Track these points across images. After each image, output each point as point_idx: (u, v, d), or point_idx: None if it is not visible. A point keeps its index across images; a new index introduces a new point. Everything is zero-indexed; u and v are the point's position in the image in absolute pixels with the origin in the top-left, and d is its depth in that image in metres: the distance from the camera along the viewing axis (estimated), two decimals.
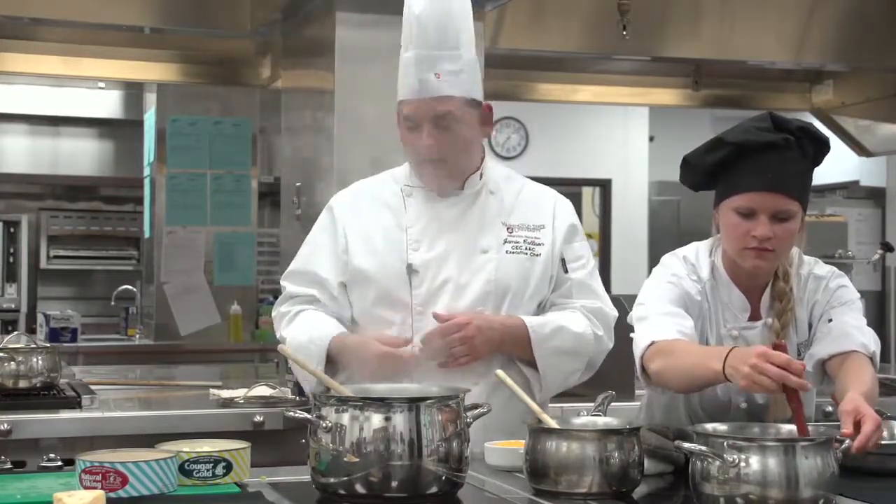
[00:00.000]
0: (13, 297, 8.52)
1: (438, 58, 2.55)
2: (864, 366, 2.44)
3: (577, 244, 2.74)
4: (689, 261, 2.61)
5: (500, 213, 2.69)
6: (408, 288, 2.62)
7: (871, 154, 6.98)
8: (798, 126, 2.48)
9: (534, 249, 2.67)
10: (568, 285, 2.70)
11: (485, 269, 2.63)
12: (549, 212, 2.74)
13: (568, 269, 2.71)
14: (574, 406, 3.30)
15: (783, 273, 2.55)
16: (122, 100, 8.53)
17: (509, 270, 2.64)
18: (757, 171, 2.43)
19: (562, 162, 10.06)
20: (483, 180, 2.71)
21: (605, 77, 6.36)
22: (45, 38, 5.37)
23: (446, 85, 2.56)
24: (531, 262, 2.66)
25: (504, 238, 2.66)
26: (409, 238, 2.64)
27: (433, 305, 2.60)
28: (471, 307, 2.60)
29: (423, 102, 2.57)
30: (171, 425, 3.33)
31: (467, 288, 2.62)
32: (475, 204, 2.68)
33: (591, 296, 2.72)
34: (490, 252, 2.64)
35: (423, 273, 2.62)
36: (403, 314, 2.62)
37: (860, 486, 2.15)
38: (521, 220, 2.70)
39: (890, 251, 7.06)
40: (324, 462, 2.05)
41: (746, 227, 2.44)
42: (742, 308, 2.57)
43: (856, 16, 5.34)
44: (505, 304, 2.64)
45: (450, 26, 2.57)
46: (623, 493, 2.11)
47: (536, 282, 2.67)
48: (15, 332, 4.86)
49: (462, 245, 2.64)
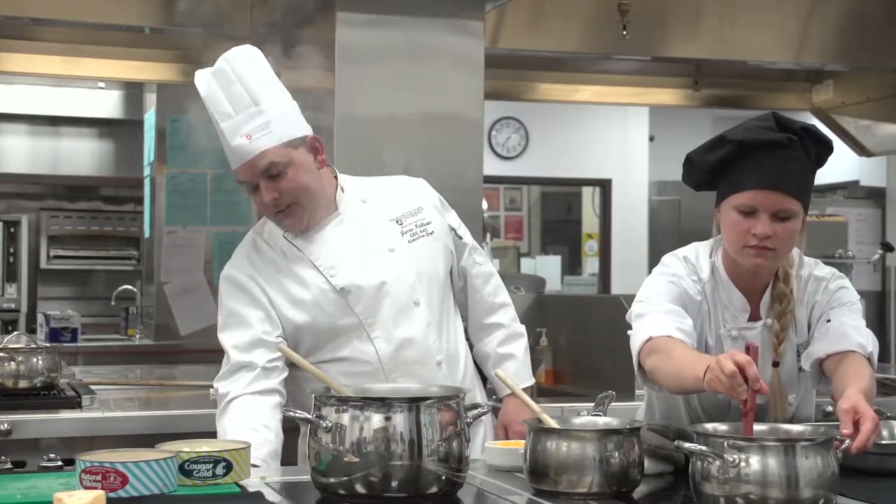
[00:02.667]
0: (13, 297, 8.52)
1: (241, 122, 2.65)
2: (862, 365, 2.44)
3: (451, 213, 2.95)
4: (690, 261, 2.61)
5: (382, 213, 2.82)
6: (349, 310, 2.71)
7: (871, 154, 6.98)
8: (801, 126, 2.48)
9: (426, 229, 2.83)
10: (468, 249, 2.93)
11: (401, 264, 2.76)
12: (415, 193, 2.91)
13: (460, 235, 2.91)
14: (574, 406, 3.30)
15: (783, 274, 2.55)
16: (122, 100, 8.53)
17: (420, 256, 2.79)
18: (759, 170, 2.42)
19: (562, 162, 10.07)
20: (347, 194, 2.82)
21: (605, 77, 6.35)
22: (45, 38, 5.36)
23: (258, 143, 2.64)
24: (432, 241, 2.83)
25: (399, 231, 2.80)
26: (322, 269, 2.72)
27: (377, 312, 2.71)
28: (408, 299, 2.73)
29: (246, 166, 2.66)
30: (171, 425, 3.33)
31: (397, 285, 2.74)
32: (358, 216, 2.80)
33: (483, 257, 2.98)
34: (396, 248, 2.77)
35: (355, 291, 2.71)
36: (357, 331, 2.71)
37: (860, 486, 2.15)
38: (401, 211, 2.84)
39: (890, 251, 7.07)
40: (324, 462, 2.05)
41: (747, 226, 2.44)
42: (742, 309, 2.57)
43: (856, 16, 5.34)
44: (430, 284, 2.79)
45: (236, 91, 2.67)
46: (623, 493, 2.11)
47: (444, 255, 2.85)
48: (15, 332, 4.84)
49: (370, 253, 2.76)
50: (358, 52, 4.03)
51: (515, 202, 11.73)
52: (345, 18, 4.06)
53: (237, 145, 2.65)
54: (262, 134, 2.65)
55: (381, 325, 2.71)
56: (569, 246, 11.58)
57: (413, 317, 2.74)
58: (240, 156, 2.66)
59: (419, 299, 2.76)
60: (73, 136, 8.88)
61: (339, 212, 2.79)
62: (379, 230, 2.79)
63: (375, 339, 2.71)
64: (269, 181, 2.66)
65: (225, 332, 2.75)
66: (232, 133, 2.65)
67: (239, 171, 2.69)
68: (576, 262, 11.41)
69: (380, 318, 2.72)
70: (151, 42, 5.47)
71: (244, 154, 2.65)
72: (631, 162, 10.21)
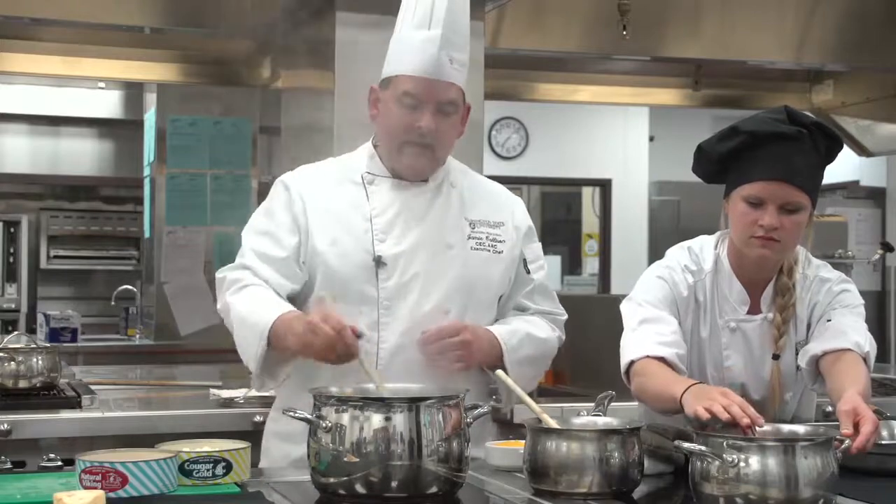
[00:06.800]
0: (13, 297, 8.52)
1: (454, 44, 2.51)
2: (858, 365, 2.45)
3: (536, 245, 2.73)
4: (694, 251, 2.64)
5: (461, 207, 2.63)
6: (374, 281, 2.52)
7: (871, 154, 6.98)
8: (812, 121, 2.51)
9: (496, 247, 2.62)
10: (531, 287, 2.68)
11: (452, 264, 2.56)
12: (508, 209, 2.70)
13: (529, 269, 2.67)
14: (574, 406, 3.30)
15: (788, 268, 2.58)
16: (122, 100, 8.52)
17: (475, 267, 2.58)
18: (768, 161, 2.45)
19: (562, 162, 10.07)
20: (444, 172, 2.64)
21: (605, 77, 6.35)
22: (45, 38, 5.37)
23: (456, 72, 2.52)
24: (494, 260, 2.61)
25: (467, 234, 2.60)
26: (374, 228, 2.54)
27: (401, 300, 2.51)
28: (438, 304, 2.53)
29: (433, 83, 2.49)
30: (171, 425, 3.33)
31: (436, 284, 2.54)
32: (439, 196, 2.60)
33: (549, 299, 2.72)
34: (455, 248, 2.57)
35: (391, 266, 2.52)
36: (369, 308, 2.51)
37: (860, 486, 2.16)
38: (481, 216, 2.64)
39: (890, 251, 7.06)
40: (324, 462, 2.05)
41: (754, 217, 2.46)
42: (741, 301, 2.59)
43: (856, 16, 5.34)
44: (471, 301, 2.57)
45: (463, 18, 2.55)
46: (623, 493, 2.11)
47: (499, 279, 2.63)
48: (15, 332, 4.85)
49: (429, 239, 2.56)
50: (358, 52, 4.03)
51: None
52: (345, 18, 4.06)
53: (442, 61, 2.48)
54: (460, 68, 2.52)
55: (397, 315, 2.51)
56: (569, 246, 11.58)
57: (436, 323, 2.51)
58: (437, 72, 2.48)
59: (451, 309, 2.54)
60: (73, 136, 8.88)
61: (428, 183, 2.59)
62: (448, 220, 2.59)
63: (384, 325, 2.51)
64: (437, 113, 2.50)
65: (252, 236, 2.60)
66: (444, 46, 2.48)
67: (420, 82, 2.49)
68: (576, 262, 11.41)
69: (401, 307, 2.51)
70: (151, 42, 5.48)
71: (443, 73, 2.49)
72: (631, 162, 10.21)
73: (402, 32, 2.54)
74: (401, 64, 2.52)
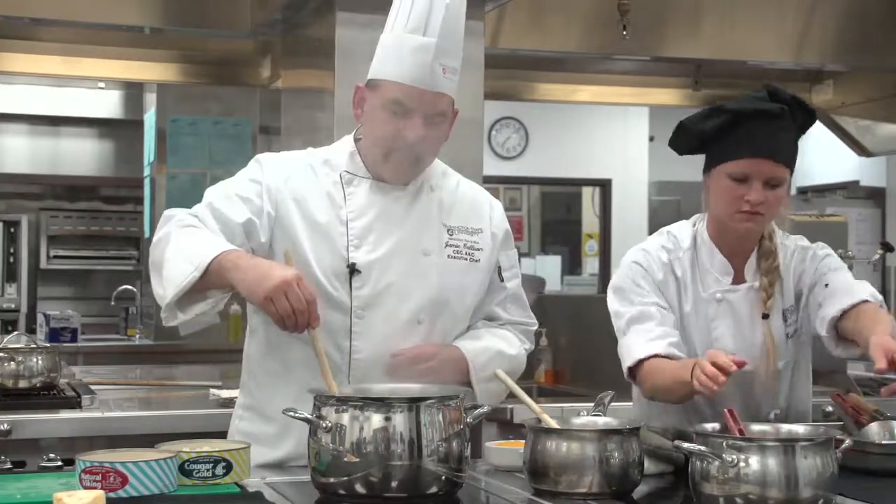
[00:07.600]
0: (13, 297, 8.52)
1: (448, 52, 2.43)
2: (880, 312, 2.51)
3: (512, 252, 2.67)
4: (672, 233, 2.73)
5: (439, 212, 2.54)
6: (346, 287, 2.43)
7: (871, 154, 6.98)
8: (791, 96, 2.61)
9: (473, 255, 2.54)
10: (503, 295, 2.62)
11: (428, 273, 2.47)
12: (486, 215, 2.61)
13: (504, 277, 2.61)
14: (574, 406, 3.30)
15: (768, 234, 2.67)
16: (122, 100, 8.53)
17: (451, 277, 2.50)
18: (753, 139, 2.53)
19: (562, 162, 10.08)
20: (425, 175, 2.54)
21: (605, 77, 6.35)
22: (45, 38, 5.37)
23: (447, 82, 2.44)
24: (471, 269, 2.53)
25: (445, 240, 2.52)
26: (350, 234, 2.45)
27: (375, 309, 2.43)
28: (413, 314, 2.45)
29: (424, 94, 2.40)
30: (171, 425, 3.33)
31: (411, 293, 2.46)
32: (418, 200, 2.51)
33: (521, 308, 2.66)
34: (432, 255, 2.49)
35: (365, 274, 2.43)
36: (341, 315, 2.43)
37: (860, 486, 2.16)
38: (459, 222, 2.55)
39: (890, 251, 7.05)
40: (324, 462, 2.05)
41: (740, 192, 2.55)
42: (724, 271, 2.66)
43: (856, 16, 5.34)
44: (445, 312, 2.50)
45: (459, 24, 2.46)
46: (623, 493, 2.11)
47: (475, 290, 2.56)
48: (15, 332, 4.86)
49: (406, 245, 2.47)
50: (358, 52, 4.03)
51: (515, 202, 11.73)
52: (345, 18, 4.06)
53: (435, 70, 2.39)
54: (453, 76, 2.43)
55: (370, 324, 2.43)
56: (569, 246, 11.59)
57: (409, 334, 2.45)
58: (428, 81, 2.40)
59: (423, 318, 2.47)
60: (73, 136, 8.89)
61: (407, 187, 2.51)
62: (425, 226, 2.50)
63: (357, 335, 2.43)
64: (425, 120, 2.41)
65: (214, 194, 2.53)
66: (433, 54, 2.39)
67: (409, 90, 2.39)
68: (576, 262, 11.42)
69: (374, 316, 2.43)
70: (151, 42, 5.48)
71: (434, 83, 2.40)
72: (631, 162, 10.21)
73: (393, 33, 2.46)
74: (391, 68, 2.43)
